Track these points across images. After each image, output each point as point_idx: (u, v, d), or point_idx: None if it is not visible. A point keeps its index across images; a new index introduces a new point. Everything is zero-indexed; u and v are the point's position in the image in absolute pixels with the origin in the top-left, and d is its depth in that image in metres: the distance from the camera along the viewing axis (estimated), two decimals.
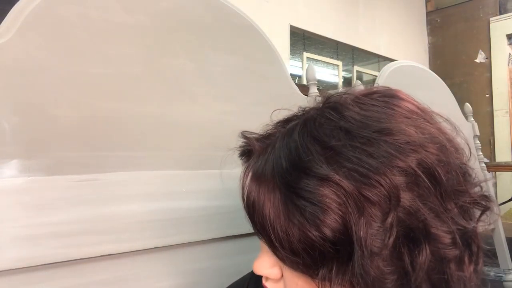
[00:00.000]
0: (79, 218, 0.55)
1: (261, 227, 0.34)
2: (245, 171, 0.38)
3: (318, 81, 0.93)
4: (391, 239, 0.29)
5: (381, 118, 0.32)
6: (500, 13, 3.39)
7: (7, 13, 0.55)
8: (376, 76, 1.21)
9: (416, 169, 0.30)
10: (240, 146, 0.43)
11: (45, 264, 0.52)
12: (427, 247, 0.30)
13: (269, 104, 0.84)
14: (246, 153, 0.42)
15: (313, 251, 0.31)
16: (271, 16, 2.51)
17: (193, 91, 0.71)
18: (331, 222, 0.30)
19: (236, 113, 0.76)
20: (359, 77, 3.45)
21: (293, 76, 1.95)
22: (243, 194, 0.36)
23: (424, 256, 0.30)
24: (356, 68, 3.41)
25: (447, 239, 0.30)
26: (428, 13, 3.85)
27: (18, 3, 0.55)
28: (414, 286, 0.30)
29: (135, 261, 0.60)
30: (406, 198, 0.30)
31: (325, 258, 0.31)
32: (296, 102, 0.46)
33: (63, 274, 0.54)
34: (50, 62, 0.56)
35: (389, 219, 0.29)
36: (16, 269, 0.50)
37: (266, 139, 0.39)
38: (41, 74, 0.55)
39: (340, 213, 0.30)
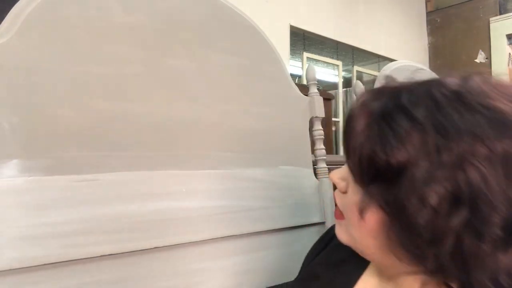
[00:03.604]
0: (79, 218, 0.55)
1: (351, 141, 0.40)
2: (358, 99, 0.42)
3: (318, 81, 0.93)
4: (438, 202, 0.34)
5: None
6: (500, 13, 3.39)
7: (7, 13, 0.55)
8: (376, 76, 1.21)
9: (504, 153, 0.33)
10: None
11: (45, 264, 0.52)
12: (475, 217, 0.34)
13: (269, 104, 0.84)
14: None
15: (374, 168, 0.37)
16: (271, 16, 2.51)
17: (193, 91, 0.71)
18: (400, 154, 0.35)
19: (236, 113, 0.76)
20: (359, 77, 3.45)
21: (293, 76, 1.95)
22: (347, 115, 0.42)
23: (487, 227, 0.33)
24: (356, 68, 3.41)
25: (497, 219, 0.34)
26: (428, 13, 3.85)
27: (18, 3, 0.55)
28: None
29: (135, 261, 0.60)
30: (472, 173, 0.33)
31: (379, 177, 0.37)
32: (296, 102, 0.46)
33: (63, 274, 0.54)
34: (51, 62, 0.56)
35: (450, 189, 0.33)
36: (16, 269, 0.50)
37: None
38: (41, 74, 0.55)
39: (411, 152, 0.34)
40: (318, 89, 0.93)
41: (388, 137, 0.36)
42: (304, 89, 0.90)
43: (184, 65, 0.70)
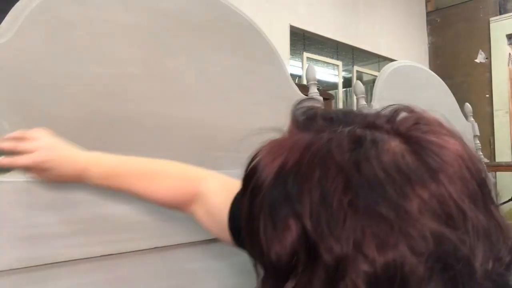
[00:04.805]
0: (79, 218, 0.55)
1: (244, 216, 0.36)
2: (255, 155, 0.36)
3: (318, 81, 0.93)
4: None
5: None
6: (500, 13, 3.39)
7: (7, 13, 0.55)
8: (376, 76, 1.21)
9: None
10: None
11: (45, 264, 0.52)
12: None
13: (269, 104, 0.84)
14: None
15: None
16: (271, 16, 2.51)
17: (193, 91, 0.71)
18: (280, 248, 0.30)
19: (236, 113, 0.76)
20: (359, 77, 3.45)
21: (293, 76, 1.95)
22: None
23: None
24: (356, 68, 3.41)
25: None
26: (428, 13, 3.85)
27: (18, 3, 0.55)
28: None
29: (135, 261, 0.60)
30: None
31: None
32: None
33: (63, 274, 0.54)
34: (50, 62, 0.56)
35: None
36: (16, 269, 0.50)
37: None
38: (41, 74, 0.55)
39: (291, 249, 0.29)
40: (318, 89, 0.93)
41: (269, 227, 0.31)
42: (304, 89, 0.90)
43: (184, 65, 0.70)
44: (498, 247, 0.29)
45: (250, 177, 0.34)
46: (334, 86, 3.37)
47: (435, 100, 1.28)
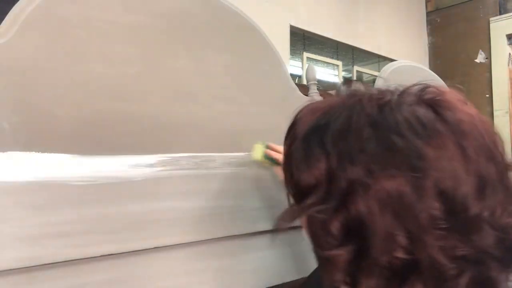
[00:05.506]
0: (79, 218, 0.55)
1: (285, 155, 0.45)
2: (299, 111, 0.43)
3: (318, 81, 0.93)
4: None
5: None
6: (500, 13, 3.39)
7: (7, 13, 0.55)
8: (376, 76, 1.21)
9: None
10: None
11: (45, 264, 0.52)
12: None
13: (269, 104, 0.84)
14: None
15: (292, 185, 0.41)
16: (271, 16, 2.51)
17: (193, 91, 0.71)
18: (306, 179, 0.37)
19: (236, 113, 0.76)
20: (359, 77, 3.45)
21: (293, 76, 1.95)
22: None
23: None
24: (356, 68, 3.41)
25: None
26: (428, 13, 3.84)
27: (18, 3, 0.55)
28: None
29: (135, 261, 0.60)
30: (361, 206, 0.33)
31: (296, 194, 0.40)
32: (296, 102, 0.46)
33: (63, 274, 0.54)
34: (50, 62, 0.56)
35: (342, 219, 0.34)
36: (16, 269, 0.50)
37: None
38: (41, 74, 0.55)
39: (316, 177, 0.36)
40: (318, 89, 0.93)
41: (302, 161, 0.37)
42: (304, 89, 0.90)
43: (184, 65, 0.70)
44: (493, 199, 0.33)
45: (292, 125, 0.41)
46: (334, 86, 3.37)
47: None
